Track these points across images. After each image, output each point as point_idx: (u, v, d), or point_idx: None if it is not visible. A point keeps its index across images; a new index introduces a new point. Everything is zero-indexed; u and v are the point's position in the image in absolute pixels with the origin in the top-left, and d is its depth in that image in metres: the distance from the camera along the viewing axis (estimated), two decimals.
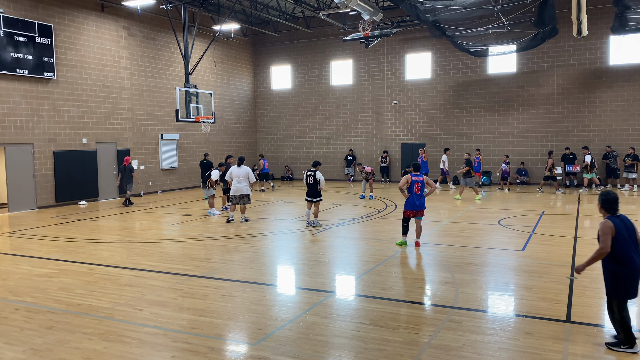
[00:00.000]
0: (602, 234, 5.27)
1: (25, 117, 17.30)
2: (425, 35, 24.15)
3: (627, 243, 5.24)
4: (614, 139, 21.74)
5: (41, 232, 13.23)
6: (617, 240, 5.24)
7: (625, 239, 5.25)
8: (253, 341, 5.78)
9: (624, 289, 5.26)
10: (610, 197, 5.45)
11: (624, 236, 5.25)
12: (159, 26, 22.54)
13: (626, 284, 5.23)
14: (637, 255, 5.27)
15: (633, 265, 5.21)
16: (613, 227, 5.26)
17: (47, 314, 6.74)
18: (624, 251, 5.22)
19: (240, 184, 13.67)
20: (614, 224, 5.29)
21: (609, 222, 5.31)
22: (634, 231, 5.36)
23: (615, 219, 5.37)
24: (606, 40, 21.65)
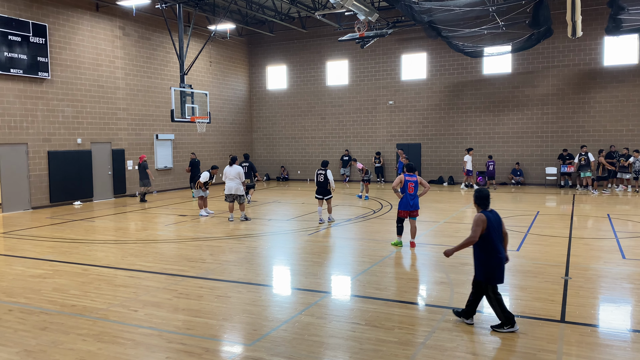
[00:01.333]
0: (474, 225, 5.88)
1: (19, 117, 17.21)
2: (420, 36, 24.20)
3: (495, 235, 5.90)
4: (608, 139, 21.84)
5: (35, 232, 13.16)
6: (488, 232, 5.85)
7: (495, 231, 5.91)
8: (248, 342, 5.77)
9: (494, 275, 5.87)
10: (483, 194, 6.11)
11: (494, 228, 5.89)
12: (154, 26, 22.48)
13: (497, 270, 5.86)
14: (502, 247, 5.99)
15: (500, 254, 5.89)
16: (485, 220, 5.87)
17: (41, 315, 6.71)
18: (493, 242, 5.86)
19: (232, 183, 13.94)
20: (487, 217, 5.90)
21: (482, 215, 5.92)
22: (501, 225, 6.04)
23: (487, 213, 5.99)
24: (600, 41, 21.76)
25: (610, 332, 5.88)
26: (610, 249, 10.10)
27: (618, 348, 5.41)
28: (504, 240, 6.11)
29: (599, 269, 8.57)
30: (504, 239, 6.11)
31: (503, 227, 6.10)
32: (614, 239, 11.08)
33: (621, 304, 6.89)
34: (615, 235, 11.43)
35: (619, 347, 5.44)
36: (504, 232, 6.10)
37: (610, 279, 7.99)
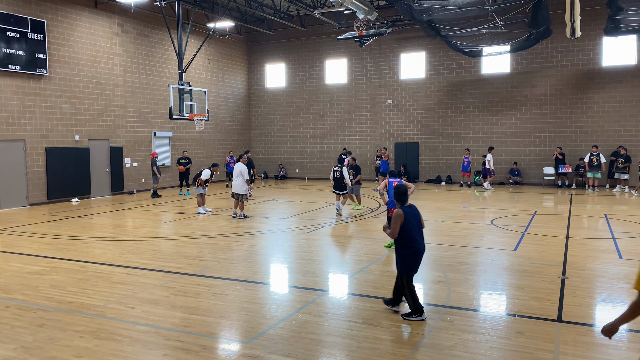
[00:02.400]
0: (393, 221, 6.25)
1: (17, 113, 17.17)
2: (419, 35, 24.20)
3: (413, 228, 6.28)
4: (605, 139, 21.88)
5: (32, 229, 13.14)
6: (406, 226, 6.23)
7: (413, 225, 6.29)
8: (245, 339, 5.77)
9: (410, 266, 6.27)
10: (401, 190, 6.49)
11: (412, 222, 6.28)
12: (152, 23, 22.44)
13: (411, 262, 6.26)
14: (421, 239, 6.36)
15: (417, 246, 6.27)
16: (403, 215, 6.23)
17: (38, 312, 6.70)
18: (411, 235, 6.25)
19: (235, 181, 14.15)
20: (404, 212, 6.27)
21: (400, 211, 6.28)
22: (419, 218, 6.46)
23: (406, 208, 6.37)
24: (599, 42, 21.78)
25: None
26: (607, 249, 10.13)
27: (614, 347, 5.42)
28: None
29: (595, 269, 8.59)
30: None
31: (421, 220, 6.54)
32: (611, 239, 11.11)
33: (618, 304, 6.91)
34: (612, 236, 11.46)
35: (615, 346, 5.46)
36: (423, 226, 6.54)
37: (607, 279, 8.01)
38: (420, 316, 6.22)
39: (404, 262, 6.28)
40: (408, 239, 6.24)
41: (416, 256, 6.26)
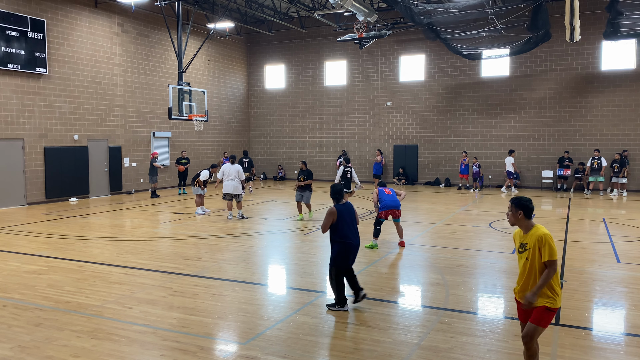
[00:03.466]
0: (325, 217, 6.64)
1: (16, 112, 17.15)
2: (419, 37, 24.23)
3: (347, 225, 6.61)
4: (604, 143, 21.92)
5: (30, 228, 13.12)
6: (339, 222, 6.56)
7: (346, 222, 6.61)
8: (243, 340, 5.77)
9: (340, 259, 6.59)
10: (336, 189, 6.85)
11: (345, 219, 6.60)
12: (152, 23, 22.44)
13: (342, 256, 6.59)
14: (354, 235, 6.68)
15: (349, 242, 6.60)
16: (335, 212, 6.59)
17: (35, 311, 6.69)
18: (344, 232, 6.57)
19: (232, 182, 14.07)
20: (337, 210, 6.63)
21: (333, 208, 6.65)
22: (354, 216, 6.78)
23: (339, 206, 6.70)
24: (598, 46, 21.83)
25: (604, 336, 5.90)
26: (605, 252, 10.14)
27: (612, 351, 5.43)
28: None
29: (593, 273, 8.60)
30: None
31: (356, 217, 6.86)
32: (609, 242, 11.13)
33: (615, 308, 6.91)
34: (610, 239, 11.47)
35: (613, 350, 5.46)
36: (357, 222, 6.89)
37: (605, 283, 8.02)
38: (342, 307, 6.63)
39: (335, 256, 6.62)
40: (341, 235, 6.58)
41: (348, 250, 6.61)
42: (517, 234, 4.64)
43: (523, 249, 4.49)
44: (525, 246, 4.47)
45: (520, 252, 4.53)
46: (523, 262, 4.49)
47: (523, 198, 4.53)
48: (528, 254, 4.42)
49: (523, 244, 4.49)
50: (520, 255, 4.52)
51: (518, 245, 4.59)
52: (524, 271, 4.46)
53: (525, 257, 4.45)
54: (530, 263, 4.41)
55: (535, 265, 4.38)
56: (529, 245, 4.42)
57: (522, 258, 4.51)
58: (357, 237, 6.77)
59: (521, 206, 4.51)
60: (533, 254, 4.39)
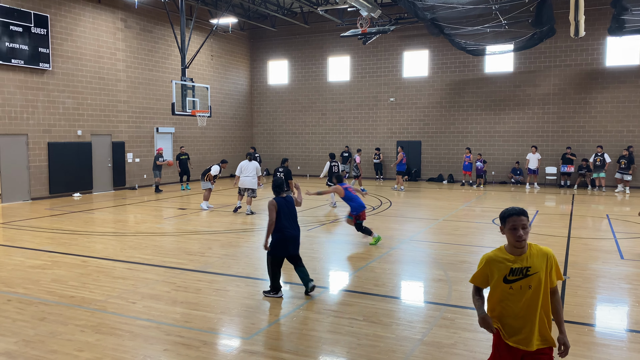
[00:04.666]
0: (268, 210, 6.97)
1: (19, 107, 17.19)
2: (423, 33, 24.14)
3: (285, 216, 6.96)
4: (608, 140, 21.83)
5: (34, 223, 13.17)
6: (278, 214, 6.94)
7: (285, 213, 6.97)
8: (246, 335, 5.78)
9: (278, 248, 6.97)
10: (277, 183, 7.17)
11: (284, 211, 6.97)
12: (156, 19, 22.42)
13: (280, 244, 6.95)
14: (292, 227, 7.03)
15: (286, 233, 6.95)
16: (276, 204, 6.95)
17: (39, 306, 6.72)
18: (280, 222, 6.93)
19: (248, 178, 14.40)
20: (277, 202, 6.99)
21: (273, 200, 7.00)
22: (293, 206, 7.14)
23: (279, 198, 7.06)
24: (603, 42, 21.72)
25: (607, 332, 5.89)
26: (609, 249, 10.12)
27: (615, 348, 5.42)
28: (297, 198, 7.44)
29: (597, 269, 8.59)
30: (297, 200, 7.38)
31: (294, 209, 7.20)
32: (613, 239, 11.10)
33: (619, 304, 6.90)
34: (614, 236, 11.44)
35: (616, 346, 5.46)
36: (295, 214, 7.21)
37: (608, 279, 8.01)
38: (276, 294, 7.04)
39: (273, 245, 6.99)
40: (279, 226, 6.95)
41: (285, 240, 6.96)
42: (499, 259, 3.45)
43: (523, 275, 3.38)
44: (527, 271, 3.38)
45: (514, 280, 3.39)
46: (521, 294, 3.39)
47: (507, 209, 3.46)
48: (532, 281, 3.37)
49: (521, 270, 3.39)
50: (515, 284, 3.39)
51: (505, 273, 3.41)
52: (526, 306, 3.38)
53: (528, 285, 3.37)
54: (533, 293, 3.37)
55: (540, 294, 3.37)
56: (534, 268, 3.38)
57: (520, 289, 3.39)
58: (295, 229, 7.10)
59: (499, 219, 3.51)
60: (539, 281, 3.37)
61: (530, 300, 3.38)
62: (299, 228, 7.20)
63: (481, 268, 3.54)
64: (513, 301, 3.41)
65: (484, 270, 3.52)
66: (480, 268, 3.56)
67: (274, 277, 7.00)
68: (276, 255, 6.99)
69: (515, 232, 3.36)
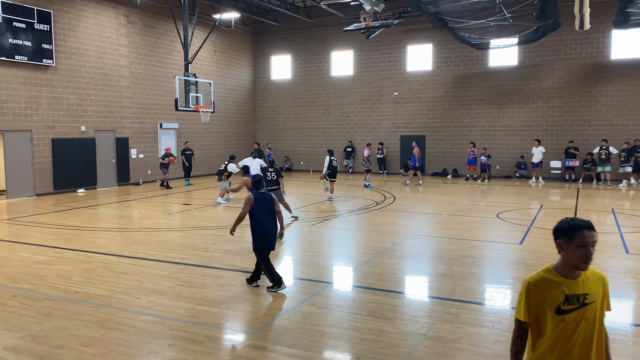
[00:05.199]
0: (244, 204, 7.02)
1: (23, 103, 17.23)
2: (426, 27, 24.02)
3: (263, 212, 7.00)
4: (614, 133, 21.71)
5: (39, 219, 13.22)
6: (256, 209, 6.96)
7: (263, 209, 7.00)
8: (250, 330, 5.80)
9: (260, 244, 7.02)
10: (256, 179, 7.27)
11: (262, 207, 7.00)
12: (158, 14, 22.40)
13: (261, 240, 7.00)
14: (270, 222, 7.06)
15: (265, 228, 6.99)
16: (252, 200, 6.97)
17: (45, 301, 6.75)
18: (260, 218, 6.98)
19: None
20: (254, 197, 7.01)
21: (251, 195, 7.03)
22: (272, 203, 7.11)
23: (257, 193, 7.09)
24: (608, 35, 21.56)
25: (612, 326, 5.87)
26: (614, 243, 10.08)
27: (619, 342, 5.40)
28: (278, 217, 7.28)
29: (602, 263, 8.56)
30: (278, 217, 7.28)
31: (276, 205, 7.16)
32: (618, 233, 11.06)
33: (623, 298, 6.88)
34: (619, 230, 11.40)
35: (620, 341, 5.44)
36: (277, 211, 7.20)
37: (613, 273, 7.98)
38: (280, 287, 6.98)
39: (255, 241, 7.06)
40: (260, 222, 7.00)
41: (264, 235, 7.00)
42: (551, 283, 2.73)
43: (580, 304, 2.69)
44: (584, 299, 2.69)
45: (568, 311, 2.68)
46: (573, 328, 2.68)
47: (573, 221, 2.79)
48: (588, 312, 2.69)
49: (577, 297, 2.70)
50: (569, 316, 2.68)
51: (559, 301, 2.69)
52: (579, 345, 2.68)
53: (583, 317, 2.68)
54: (588, 327, 2.69)
55: (595, 329, 2.70)
56: (592, 295, 2.71)
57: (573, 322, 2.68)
58: (272, 224, 7.12)
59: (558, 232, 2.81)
60: (595, 311, 2.71)
61: (584, 337, 2.67)
62: (276, 225, 7.24)
63: (528, 296, 2.73)
64: (564, 338, 2.67)
65: (533, 298, 2.71)
66: (525, 296, 2.74)
67: (270, 272, 7.04)
68: (263, 252, 7.06)
69: (585, 251, 2.65)
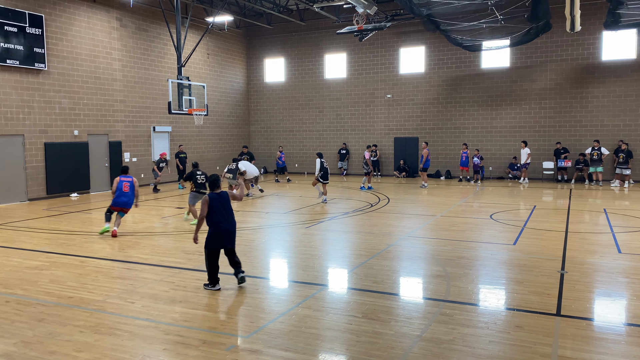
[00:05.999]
0: (201, 205, 7.30)
1: (15, 108, 17.12)
2: (419, 29, 24.12)
3: (218, 212, 7.25)
4: (605, 134, 21.87)
5: (32, 224, 13.14)
6: (210, 209, 7.24)
7: (218, 209, 7.25)
8: (245, 334, 5.78)
9: (212, 242, 7.24)
10: (211, 179, 7.57)
11: (217, 207, 7.26)
12: (151, 17, 22.35)
13: (214, 238, 7.24)
14: (225, 221, 7.29)
15: (219, 227, 7.23)
16: (208, 200, 7.25)
17: (38, 307, 6.71)
18: (215, 218, 7.23)
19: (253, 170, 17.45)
20: (210, 197, 7.29)
21: (206, 197, 7.30)
22: (225, 203, 7.36)
23: (213, 194, 7.36)
24: (599, 36, 21.73)
25: (606, 326, 5.92)
26: (607, 243, 10.15)
27: (613, 342, 5.44)
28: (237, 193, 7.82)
29: (594, 263, 8.61)
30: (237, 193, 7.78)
31: (229, 205, 7.44)
32: (610, 233, 11.13)
33: (616, 298, 6.93)
34: (611, 230, 11.47)
35: (614, 340, 5.48)
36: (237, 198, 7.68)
37: (606, 273, 8.03)
38: (213, 287, 7.31)
39: (208, 238, 7.29)
40: (213, 220, 7.24)
41: (219, 234, 7.23)
42: None
43: None
44: None
45: None
46: None
47: None
48: None
49: None
50: None
51: None
52: None
53: None
54: None
55: None
56: None
57: None
58: (228, 223, 7.33)
59: None
60: None
61: None
62: (234, 222, 7.42)
63: None
64: None
65: None
66: None
67: (211, 270, 7.27)
68: (211, 248, 7.24)
69: None
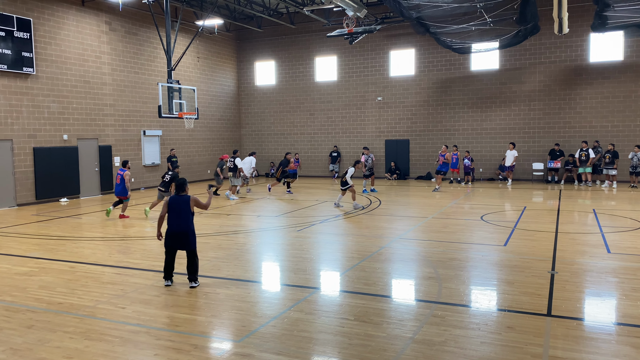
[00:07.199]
0: (162, 205, 7.82)
1: (3, 112, 16.97)
2: (409, 32, 24.24)
3: (173, 214, 7.67)
4: (593, 135, 22.07)
5: (21, 229, 13.01)
6: (169, 211, 7.70)
7: (174, 211, 7.67)
8: (237, 338, 5.76)
9: (165, 241, 7.74)
10: (178, 182, 7.88)
11: (173, 209, 7.68)
12: (141, 21, 22.26)
13: (166, 239, 7.74)
14: (176, 224, 7.64)
15: (170, 228, 7.67)
16: (168, 202, 7.74)
17: (27, 313, 6.64)
18: (169, 219, 7.69)
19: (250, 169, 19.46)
20: (170, 199, 7.75)
21: (167, 198, 7.78)
22: (180, 205, 7.70)
23: (174, 197, 7.78)
24: (586, 38, 21.96)
25: (596, 326, 5.96)
26: (596, 243, 10.23)
27: (603, 341, 5.48)
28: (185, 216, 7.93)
29: (584, 263, 8.68)
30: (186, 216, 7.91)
31: (191, 206, 7.77)
32: (600, 233, 11.22)
33: (606, 298, 6.98)
34: (600, 230, 11.57)
35: (604, 340, 5.52)
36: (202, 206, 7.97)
37: (596, 273, 8.10)
38: (165, 281, 7.79)
39: (164, 236, 7.78)
40: (168, 222, 7.72)
41: (168, 235, 7.67)
42: None
43: None
44: None
45: None
46: None
47: None
48: None
49: None
50: None
51: None
52: None
53: None
54: None
55: None
56: None
57: None
58: (179, 226, 7.65)
59: None
60: None
61: None
62: (185, 225, 7.67)
63: None
64: None
65: None
66: None
67: (165, 266, 7.78)
68: (165, 246, 7.74)
69: None
